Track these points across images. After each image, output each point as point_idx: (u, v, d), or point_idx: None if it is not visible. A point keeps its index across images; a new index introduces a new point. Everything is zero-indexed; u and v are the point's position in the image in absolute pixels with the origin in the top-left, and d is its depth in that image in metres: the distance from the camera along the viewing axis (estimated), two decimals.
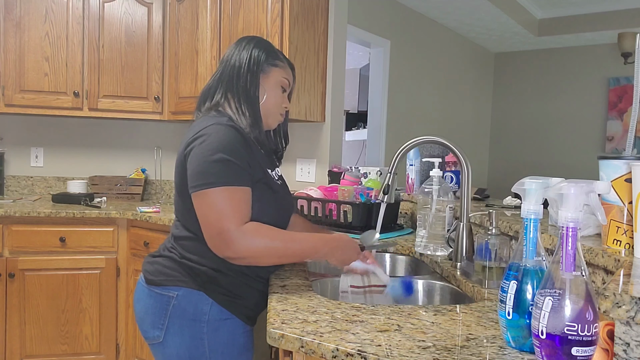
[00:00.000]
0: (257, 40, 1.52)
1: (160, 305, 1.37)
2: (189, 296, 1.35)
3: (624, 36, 5.04)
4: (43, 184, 3.39)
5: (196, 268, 1.37)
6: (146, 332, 1.41)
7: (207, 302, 1.35)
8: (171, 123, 3.48)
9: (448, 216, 1.76)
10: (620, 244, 1.03)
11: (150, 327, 1.39)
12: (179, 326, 1.35)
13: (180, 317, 1.35)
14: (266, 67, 1.48)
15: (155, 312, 1.38)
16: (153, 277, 1.41)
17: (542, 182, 0.91)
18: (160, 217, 2.66)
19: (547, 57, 6.16)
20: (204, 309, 1.35)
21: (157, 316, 1.37)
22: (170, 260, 1.41)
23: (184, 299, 1.35)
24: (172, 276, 1.38)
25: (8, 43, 2.93)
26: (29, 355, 2.73)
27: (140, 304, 1.44)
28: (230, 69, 1.48)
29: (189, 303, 1.35)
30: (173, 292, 1.36)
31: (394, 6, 4.44)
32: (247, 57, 1.47)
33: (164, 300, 1.37)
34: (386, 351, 0.90)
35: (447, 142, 1.59)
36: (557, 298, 0.78)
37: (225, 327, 1.37)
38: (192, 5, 2.97)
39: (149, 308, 1.40)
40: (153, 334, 1.39)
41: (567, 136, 6.04)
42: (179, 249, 1.41)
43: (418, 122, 4.91)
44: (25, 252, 2.71)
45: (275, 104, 1.50)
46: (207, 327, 1.35)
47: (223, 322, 1.36)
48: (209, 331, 1.35)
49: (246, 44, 1.50)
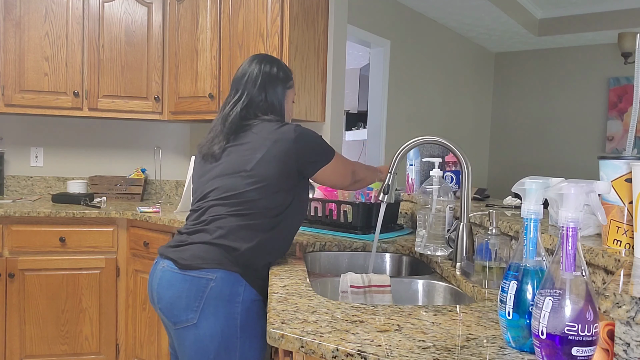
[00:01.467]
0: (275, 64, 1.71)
1: (197, 287, 1.46)
2: (226, 278, 1.46)
3: (624, 36, 5.04)
4: (43, 184, 3.39)
5: (233, 249, 1.48)
6: (177, 316, 1.48)
7: (242, 284, 1.47)
8: (171, 123, 3.48)
9: (448, 216, 1.76)
10: (620, 244, 1.03)
11: (184, 311, 1.46)
12: (214, 307, 1.45)
13: (217, 298, 1.45)
14: (285, 92, 1.72)
15: (191, 294, 1.46)
16: (189, 261, 1.48)
17: (542, 182, 0.91)
18: (160, 217, 2.66)
19: (547, 57, 6.16)
20: (239, 290, 1.47)
21: (193, 299, 1.45)
22: (205, 244, 1.50)
23: (222, 281, 1.46)
24: (209, 259, 1.47)
25: (8, 43, 2.93)
26: (29, 355, 2.73)
27: (173, 290, 1.49)
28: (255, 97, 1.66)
29: (226, 284, 1.46)
30: (212, 274, 1.46)
31: (394, 6, 4.44)
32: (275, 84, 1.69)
33: (201, 283, 1.45)
34: (386, 351, 0.90)
35: (447, 142, 1.59)
36: (557, 298, 0.78)
37: (254, 307, 1.49)
38: (192, 5, 2.97)
39: (184, 292, 1.47)
40: (186, 317, 1.46)
41: (567, 136, 6.04)
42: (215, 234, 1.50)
43: (418, 122, 4.91)
44: (25, 252, 2.71)
45: (289, 118, 1.78)
46: (241, 307, 1.47)
47: (253, 302, 1.49)
48: (242, 311, 1.46)
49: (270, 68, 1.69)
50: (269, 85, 1.67)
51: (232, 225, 1.50)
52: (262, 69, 1.68)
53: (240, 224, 1.51)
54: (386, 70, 4.36)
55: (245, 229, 1.50)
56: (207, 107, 2.91)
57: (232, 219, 1.51)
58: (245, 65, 1.70)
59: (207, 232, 1.52)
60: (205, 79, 2.91)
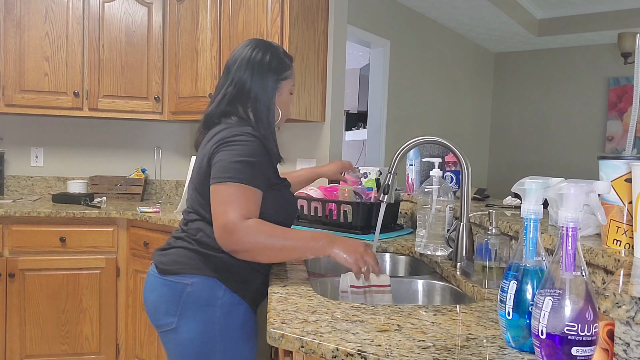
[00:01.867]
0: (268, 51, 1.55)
1: (175, 292, 1.45)
2: (203, 283, 1.44)
3: (624, 36, 5.04)
4: (43, 184, 3.39)
5: (212, 255, 1.44)
6: (158, 320, 1.48)
7: (221, 288, 1.44)
8: (171, 123, 3.48)
9: (448, 216, 1.76)
10: (620, 244, 1.03)
11: (164, 315, 1.46)
12: (192, 312, 1.43)
13: (194, 302, 1.43)
14: (278, 84, 1.56)
15: (170, 299, 1.45)
16: (168, 266, 1.48)
17: (542, 182, 0.91)
18: (160, 217, 2.66)
19: (547, 57, 6.16)
20: (218, 294, 1.43)
21: (172, 303, 1.44)
22: (184, 250, 1.48)
23: (199, 286, 1.43)
24: (187, 264, 1.46)
25: (8, 43, 2.93)
26: (29, 355, 2.73)
27: (154, 294, 1.49)
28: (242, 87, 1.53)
29: (204, 289, 1.43)
30: (188, 280, 1.44)
31: (394, 6, 4.44)
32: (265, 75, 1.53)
33: (178, 287, 1.44)
34: (386, 351, 0.90)
35: (447, 142, 1.59)
36: (557, 298, 0.78)
37: (235, 312, 1.46)
38: (192, 5, 2.97)
39: (163, 296, 1.46)
40: (166, 321, 1.46)
41: (567, 136, 6.04)
42: (193, 238, 1.48)
43: (418, 122, 4.91)
44: (25, 252, 2.71)
45: (287, 109, 1.62)
46: (220, 311, 1.43)
47: (234, 307, 1.45)
48: (220, 315, 1.43)
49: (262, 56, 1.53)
50: (257, 75, 1.52)
51: (207, 230, 1.46)
52: (253, 56, 1.53)
53: (209, 226, 1.45)
54: (386, 70, 4.36)
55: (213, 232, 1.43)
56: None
57: (205, 223, 1.47)
58: (238, 49, 1.57)
59: (186, 237, 1.50)
60: (205, 79, 2.91)
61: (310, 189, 2.31)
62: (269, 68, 1.53)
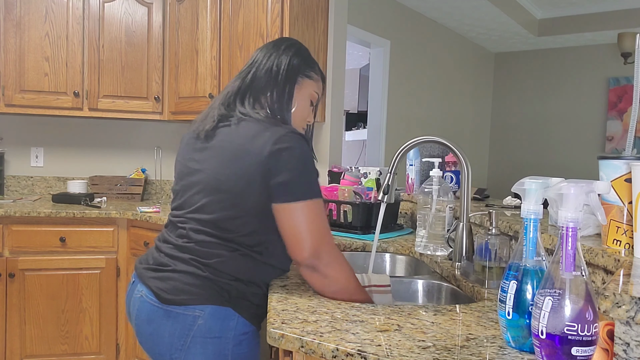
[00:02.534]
0: (298, 47, 1.48)
1: (182, 325, 1.28)
2: (216, 314, 1.28)
3: (624, 36, 5.04)
4: (43, 184, 3.39)
5: (225, 283, 1.29)
6: (161, 355, 1.32)
7: (234, 318, 1.30)
8: (171, 123, 3.48)
9: (448, 216, 1.76)
10: (620, 244, 1.03)
11: (167, 350, 1.30)
12: (201, 345, 1.28)
13: (205, 335, 1.28)
14: (300, 77, 1.44)
15: (175, 333, 1.28)
16: (172, 295, 1.29)
17: (542, 182, 0.91)
18: (160, 217, 2.66)
19: (547, 57, 6.16)
20: (230, 325, 1.30)
21: (177, 337, 1.28)
22: (191, 276, 1.30)
23: (211, 318, 1.28)
24: (196, 294, 1.28)
25: (8, 43, 2.93)
26: (29, 355, 2.73)
27: (154, 326, 1.31)
28: (266, 72, 1.42)
29: (216, 320, 1.28)
30: (199, 311, 1.28)
31: (394, 6, 4.44)
32: (286, 63, 1.42)
33: (187, 320, 1.28)
34: (386, 351, 0.90)
35: (447, 142, 1.59)
36: (557, 298, 0.78)
37: (247, 340, 1.33)
38: (192, 5, 2.97)
39: (166, 329, 1.29)
40: (170, 357, 1.30)
41: (567, 136, 6.04)
42: (205, 263, 1.30)
43: (418, 122, 4.91)
44: (25, 252, 2.71)
45: (302, 117, 1.47)
46: (233, 341, 1.30)
47: (245, 335, 1.33)
48: (233, 346, 1.30)
49: (286, 48, 1.45)
50: (276, 67, 1.42)
51: (227, 257, 1.31)
52: (276, 50, 1.45)
53: (230, 251, 1.31)
54: (386, 70, 4.36)
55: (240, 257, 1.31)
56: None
57: (228, 250, 1.31)
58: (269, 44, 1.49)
59: (193, 260, 1.31)
60: (205, 79, 2.91)
61: None
62: (289, 62, 1.43)
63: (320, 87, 1.50)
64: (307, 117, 1.49)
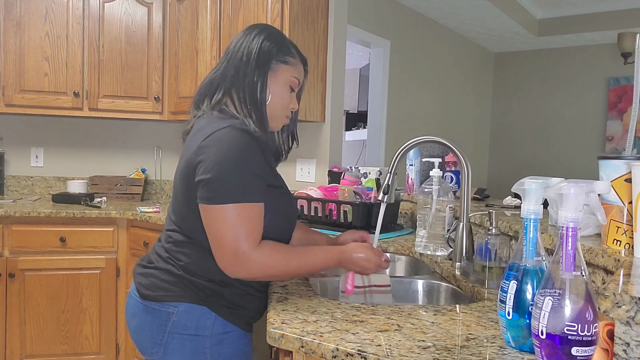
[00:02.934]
0: (269, 31, 1.38)
1: (159, 321, 1.30)
2: (190, 311, 1.28)
3: (624, 36, 5.04)
4: (43, 184, 3.39)
5: (199, 283, 1.28)
6: (144, 348, 1.34)
7: (210, 317, 1.29)
8: (171, 123, 3.48)
9: (448, 216, 1.76)
10: (620, 244, 1.03)
11: (149, 343, 1.32)
12: (179, 341, 1.29)
13: (181, 332, 1.29)
14: (274, 64, 1.34)
15: (154, 328, 1.31)
16: (149, 291, 1.32)
17: (542, 182, 0.91)
18: (160, 217, 2.66)
19: (547, 57, 6.16)
20: (207, 324, 1.29)
21: (156, 332, 1.30)
22: (167, 273, 1.32)
23: (185, 315, 1.28)
24: (171, 291, 1.30)
25: (8, 43, 2.93)
26: (29, 355, 2.73)
27: (136, 320, 1.36)
28: (235, 62, 1.34)
29: (191, 318, 1.28)
30: (173, 308, 1.29)
31: (394, 6, 4.44)
32: (256, 50, 1.33)
33: (163, 316, 1.30)
34: (386, 351, 0.90)
35: (447, 142, 1.59)
36: (557, 298, 0.78)
37: (228, 339, 1.31)
38: (192, 5, 2.97)
39: (146, 324, 1.32)
40: (151, 350, 1.32)
41: (567, 136, 6.04)
42: (178, 259, 1.31)
43: (418, 122, 4.91)
44: (25, 252, 2.71)
45: (282, 106, 1.37)
46: (210, 341, 1.29)
47: (226, 334, 1.31)
48: (211, 345, 1.29)
49: (256, 34, 1.36)
50: (246, 56, 1.33)
51: (195, 257, 1.29)
52: (247, 37, 1.37)
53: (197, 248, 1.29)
54: (386, 70, 4.36)
55: (207, 255, 1.26)
56: None
57: (194, 249, 1.30)
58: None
59: (170, 259, 1.33)
60: None
61: (310, 189, 2.31)
62: (263, 44, 1.34)
63: (300, 71, 1.40)
64: (290, 104, 1.39)
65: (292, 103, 1.40)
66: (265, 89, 1.33)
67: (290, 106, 1.40)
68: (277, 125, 1.40)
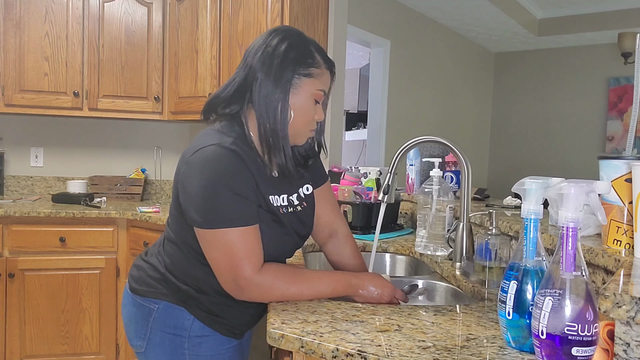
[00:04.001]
0: (291, 38, 1.24)
1: (142, 315, 1.32)
2: (169, 310, 1.29)
3: (624, 36, 5.04)
4: (43, 184, 3.39)
5: (179, 285, 1.29)
6: (131, 339, 1.37)
7: (189, 318, 1.28)
8: (171, 123, 3.48)
9: (448, 216, 1.76)
10: (620, 244, 1.03)
11: (134, 335, 1.35)
12: (160, 338, 1.30)
13: (161, 329, 1.30)
14: (297, 79, 1.21)
15: (138, 321, 1.33)
16: (136, 285, 1.35)
17: (542, 182, 0.91)
18: (160, 217, 2.66)
19: (547, 57, 6.16)
20: (185, 325, 1.28)
21: (140, 325, 1.33)
22: (154, 269, 1.33)
23: (165, 312, 1.29)
24: (153, 287, 1.32)
25: (8, 43, 2.93)
26: (29, 355, 2.73)
27: (126, 311, 1.39)
28: (253, 74, 1.22)
29: (170, 317, 1.29)
30: (154, 305, 1.31)
31: (394, 6, 4.44)
32: (277, 64, 1.20)
33: (145, 311, 1.32)
34: (386, 351, 0.90)
35: (447, 142, 1.59)
36: (557, 298, 0.78)
37: (207, 342, 1.30)
38: (192, 5, 2.97)
39: (132, 316, 1.35)
40: (136, 343, 1.35)
41: (567, 136, 6.04)
42: (164, 258, 1.32)
43: (418, 122, 4.91)
44: (25, 252, 2.71)
45: (306, 122, 1.25)
46: (189, 342, 1.29)
47: (205, 338, 1.30)
48: (190, 346, 1.29)
49: (278, 42, 1.22)
50: (266, 70, 1.21)
51: (177, 260, 1.30)
52: (267, 42, 1.23)
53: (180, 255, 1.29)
54: (386, 70, 4.36)
55: (187, 261, 1.28)
56: None
57: (180, 252, 1.29)
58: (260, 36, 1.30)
59: (159, 254, 1.35)
60: (205, 79, 2.91)
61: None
62: (284, 56, 1.21)
63: (326, 81, 1.26)
64: (315, 116, 1.26)
65: (317, 115, 1.27)
66: (286, 109, 1.21)
67: (315, 118, 1.27)
68: (301, 141, 1.29)
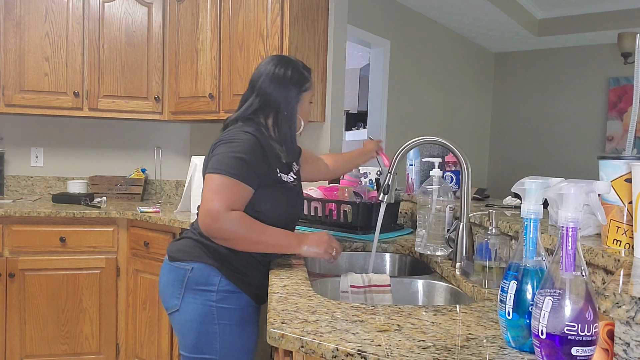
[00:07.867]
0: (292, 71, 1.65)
1: (178, 277, 1.59)
2: (202, 269, 1.57)
3: (624, 36, 5.04)
4: (43, 184, 3.39)
5: (210, 246, 1.56)
6: (167, 302, 1.63)
7: (217, 275, 1.56)
8: (171, 123, 3.48)
9: (448, 216, 1.76)
10: (620, 244, 1.03)
11: (170, 297, 1.61)
12: (192, 295, 1.56)
13: (194, 287, 1.56)
14: (300, 96, 1.67)
15: (175, 283, 1.59)
16: (174, 254, 1.64)
17: (542, 182, 0.91)
18: (160, 217, 2.66)
19: (547, 57, 6.16)
20: (214, 280, 1.56)
21: (176, 287, 1.59)
22: (189, 240, 1.63)
23: (198, 272, 1.57)
24: (189, 253, 1.60)
25: (8, 43, 2.93)
26: (29, 355, 2.73)
27: (164, 278, 1.65)
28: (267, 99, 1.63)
29: (202, 275, 1.56)
30: (189, 266, 1.58)
31: (394, 6, 4.44)
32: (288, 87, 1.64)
33: (181, 273, 1.59)
34: (386, 351, 0.90)
35: (447, 142, 1.59)
36: (557, 298, 0.78)
37: (232, 298, 1.57)
38: (192, 5, 2.97)
39: (170, 280, 1.62)
40: (172, 303, 1.60)
41: (567, 136, 6.04)
42: (197, 230, 1.60)
43: (418, 122, 4.91)
44: (25, 252, 2.71)
45: (307, 119, 1.74)
46: (216, 295, 1.56)
47: (231, 294, 1.57)
48: (217, 299, 1.56)
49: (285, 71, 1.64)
50: (280, 88, 1.64)
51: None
52: (276, 71, 1.65)
53: None
54: (386, 70, 4.36)
55: None
56: (207, 107, 2.91)
57: None
58: (262, 64, 1.69)
59: (192, 228, 1.67)
60: (205, 79, 2.91)
61: (310, 189, 2.31)
62: (291, 82, 1.64)
63: (312, 86, 1.73)
64: (310, 110, 1.76)
65: (311, 108, 1.78)
66: (296, 119, 1.67)
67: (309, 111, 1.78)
68: (304, 127, 1.74)
